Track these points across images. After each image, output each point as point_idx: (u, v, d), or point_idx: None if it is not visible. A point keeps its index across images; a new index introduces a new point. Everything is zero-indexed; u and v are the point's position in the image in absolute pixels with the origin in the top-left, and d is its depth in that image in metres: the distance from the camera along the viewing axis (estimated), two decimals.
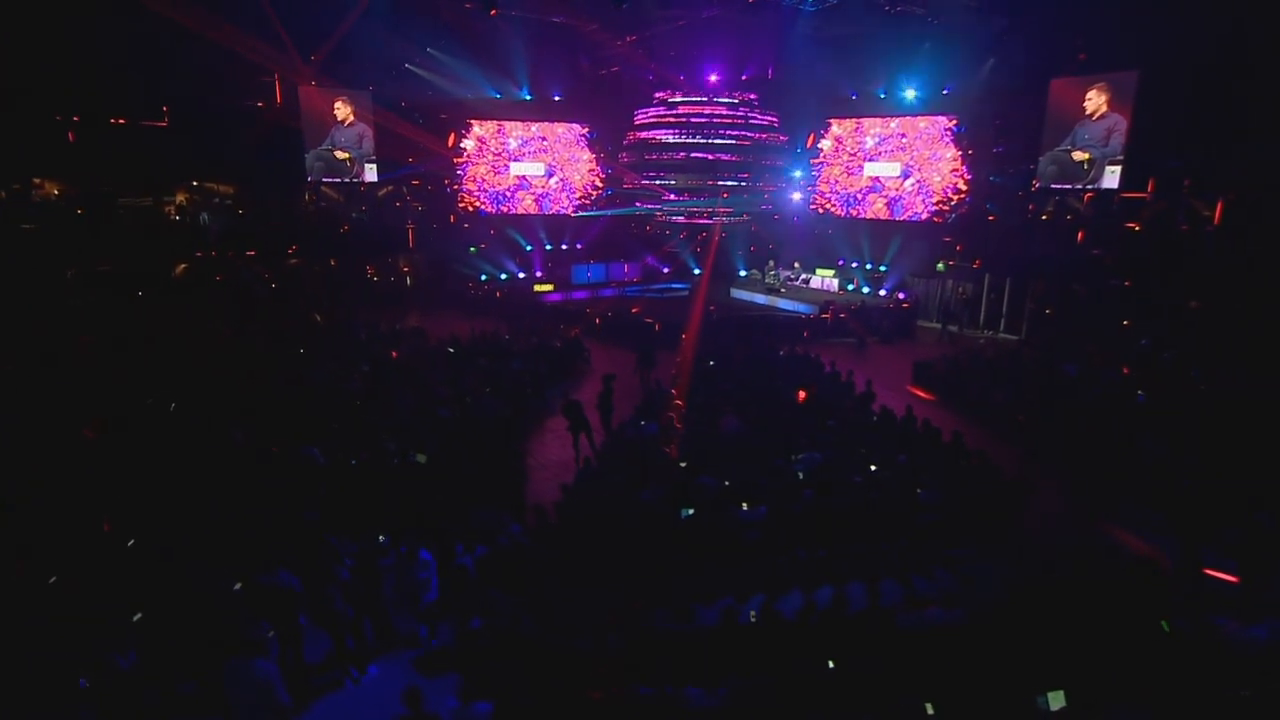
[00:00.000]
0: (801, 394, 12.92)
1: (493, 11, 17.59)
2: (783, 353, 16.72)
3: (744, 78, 22.92)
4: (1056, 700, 5.35)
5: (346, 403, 11.13)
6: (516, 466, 8.81)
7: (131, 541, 6.66)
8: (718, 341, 17.99)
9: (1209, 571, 7.62)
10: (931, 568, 8.09)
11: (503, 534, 6.67)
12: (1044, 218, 20.59)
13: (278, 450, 8.84)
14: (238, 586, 5.65)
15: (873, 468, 9.53)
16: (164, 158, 21.77)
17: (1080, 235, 18.96)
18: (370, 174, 23.54)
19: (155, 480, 7.85)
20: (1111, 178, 17.17)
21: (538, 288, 22.88)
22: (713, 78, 22.88)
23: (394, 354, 14.44)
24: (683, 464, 9.44)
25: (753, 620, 6.16)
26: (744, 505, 8.34)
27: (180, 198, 23.59)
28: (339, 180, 23.27)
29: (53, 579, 6.14)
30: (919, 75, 21.21)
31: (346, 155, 22.83)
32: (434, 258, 25.04)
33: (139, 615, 5.57)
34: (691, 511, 8.08)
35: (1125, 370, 13.78)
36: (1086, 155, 17.32)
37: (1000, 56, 18.87)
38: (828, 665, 5.59)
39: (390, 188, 25.39)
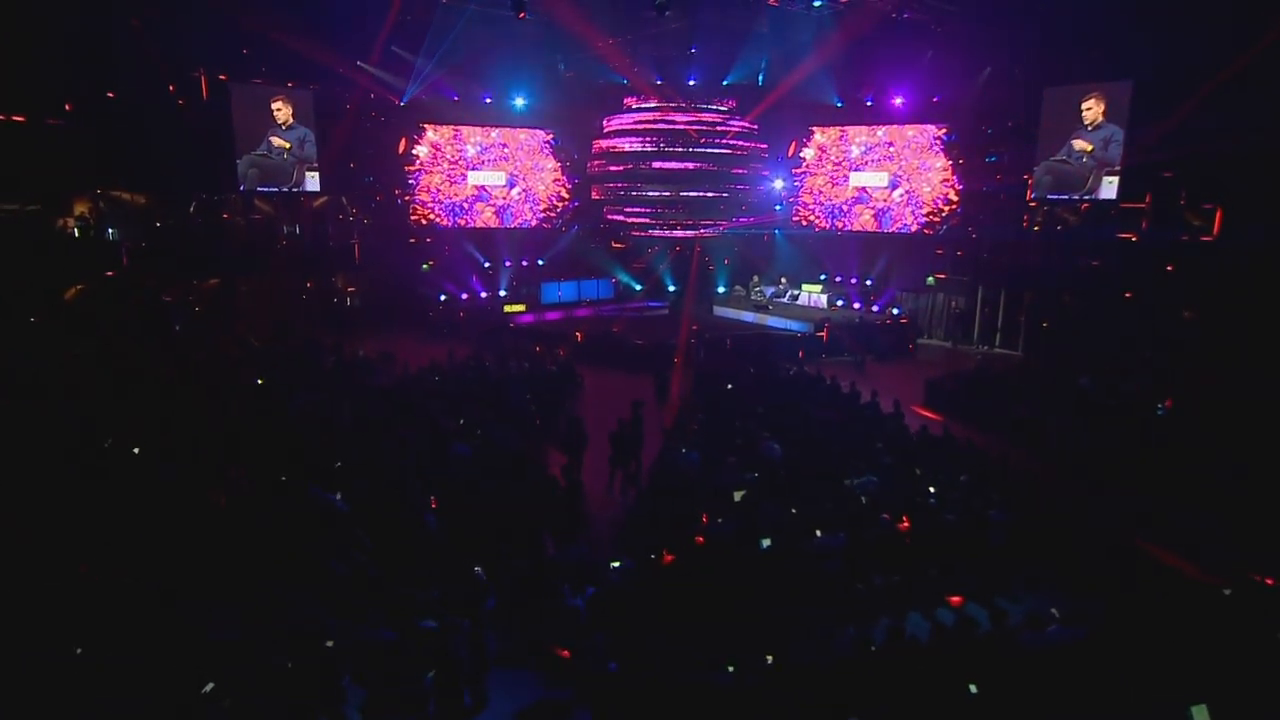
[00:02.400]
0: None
1: (521, 14, 17.77)
2: (792, 372, 17.35)
3: (724, 83, 23.77)
4: (1201, 715, 5.83)
5: (347, 440, 10.88)
6: (574, 500, 8.84)
7: (159, 604, 6.36)
8: (719, 363, 18.47)
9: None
10: (1012, 589, 8.61)
11: (611, 572, 6.73)
12: (1036, 228, 22.13)
13: (292, 496, 8.60)
14: (330, 644, 5.51)
15: (931, 489, 10.08)
16: (63, 161, 20.63)
17: (1076, 247, 20.50)
18: (312, 182, 23.03)
19: (160, 532, 7.51)
20: (1109, 188, 18.75)
21: (508, 308, 22.84)
22: (691, 83, 23.62)
23: (376, 383, 14.18)
24: (738, 493, 9.69)
25: (873, 649, 6.44)
26: (818, 533, 8.67)
27: (81, 208, 22.37)
28: (277, 189, 22.65)
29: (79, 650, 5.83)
30: (911, 82, 22.58)
31: (288, 145, 22.24)
32: (384, 275, 24.61)
33: (210, 685, 5.36)
34: (769, 542, 8.34)
35: (1137, 389, 14.99)
36: (1090, 147, 18.87)
37: (996, 65, 20.39)
38: (969, 689, 5.93)
39: (328, 197, 24.81)
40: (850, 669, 6.05)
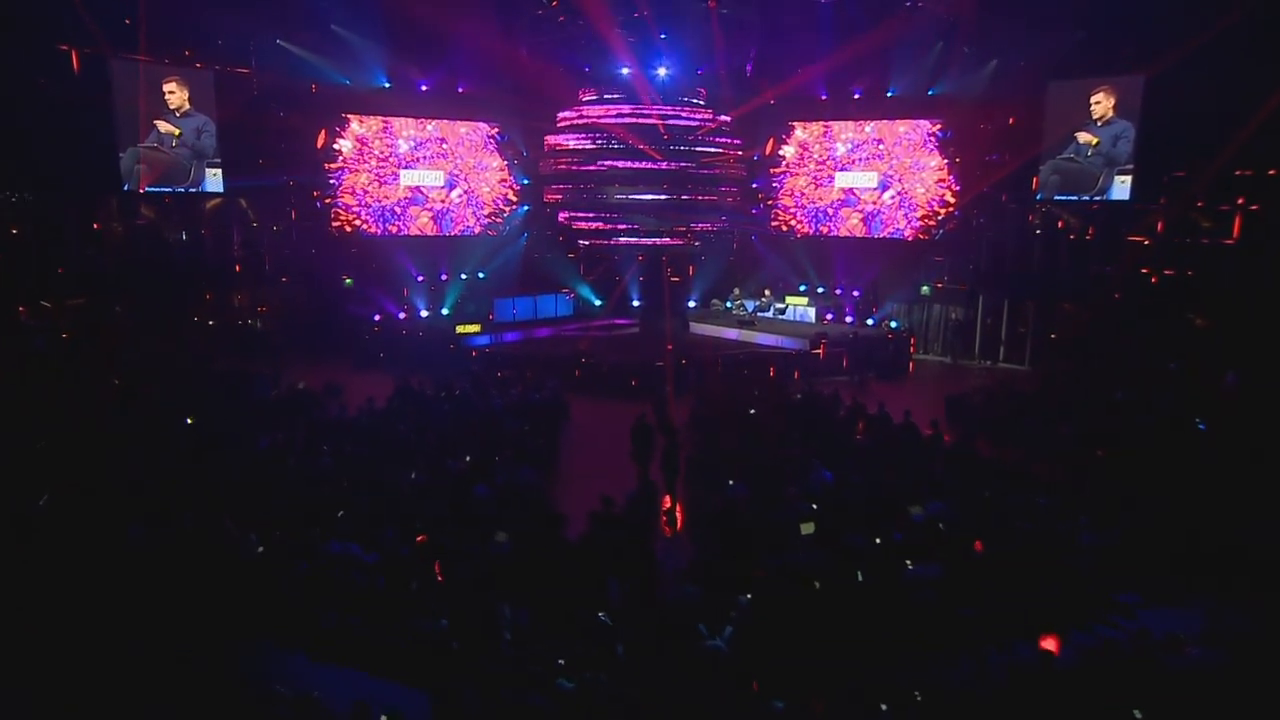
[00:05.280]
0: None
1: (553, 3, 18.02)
2: (799, 395, 18.02)
3: (699, 72, 24.68)
4: None
5: (335, 484, 10.77)
6: (641, 537, 9.11)
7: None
8: (716, 386, 18.99)
9: None
10: (1109, 616, 9.37)
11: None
12: (1037, 232, 23.85)
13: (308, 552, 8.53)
14: None
15: (1007, 515, 10.84)
16: None
17: (1085, 252, 22.27)
18: (213, 182, 22.39)
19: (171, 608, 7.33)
20: (1122, 188, 20.51)
21: (461, 329, 22.73)
22: (662, 71, 24.32)
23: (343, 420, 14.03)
24: (805, 525, 10.15)
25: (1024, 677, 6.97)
26: (908, 563, 9.22)
27: None
28: (171, 190, 21.87)
29: None
30: (910, 75, 24.05)
31: (177, 132, 21.52)
32: (301, 292, 24.10)
33: None
34: (861, 576, 8.83)
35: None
36: (1095, 140, 20.66)
37: (1002, 56, 22.01)
38: (1134, 715, 6.52)
39: (231, 199, 24.10)
40: (1006, 700, 6.55)
